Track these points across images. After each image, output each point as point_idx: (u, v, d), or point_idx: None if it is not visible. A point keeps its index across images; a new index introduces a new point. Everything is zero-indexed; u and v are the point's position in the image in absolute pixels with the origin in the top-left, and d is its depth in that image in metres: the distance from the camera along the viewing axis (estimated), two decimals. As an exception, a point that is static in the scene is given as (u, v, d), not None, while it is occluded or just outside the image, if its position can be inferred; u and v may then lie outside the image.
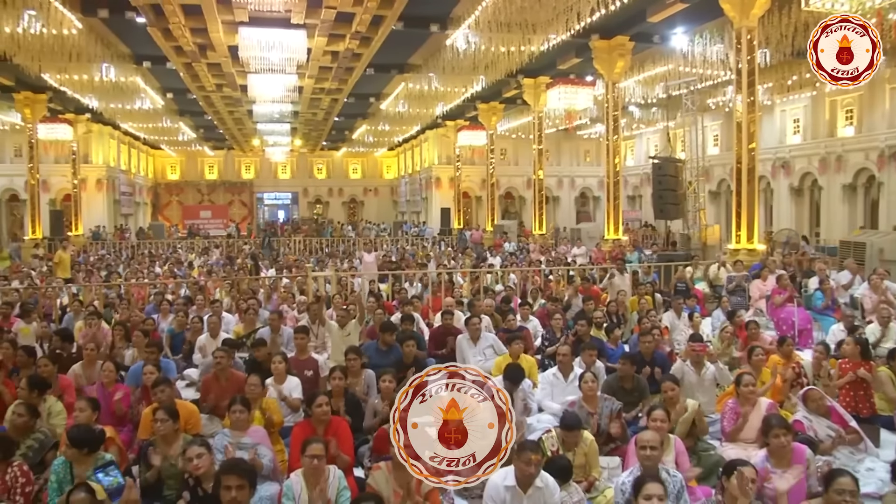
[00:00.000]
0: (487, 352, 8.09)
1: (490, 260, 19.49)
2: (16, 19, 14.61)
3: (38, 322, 9.84)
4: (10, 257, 22.59)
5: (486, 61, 18.68)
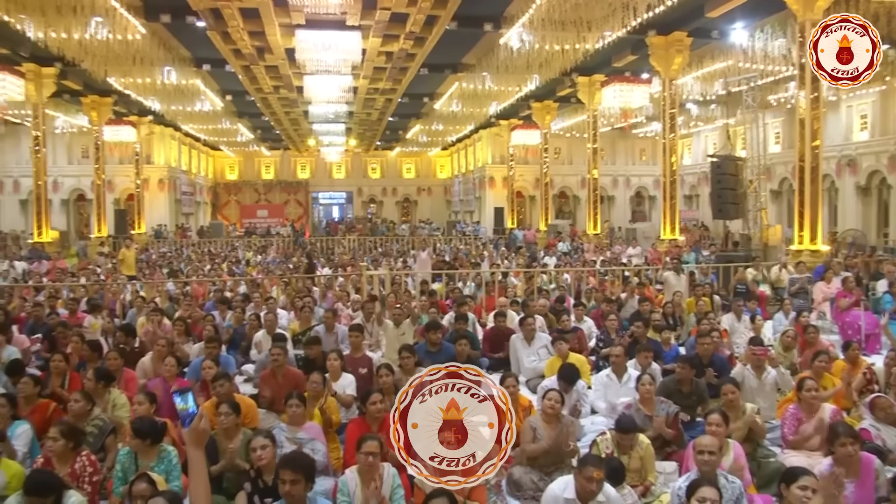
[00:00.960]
0: (541, 352, 8.04)
1: (544, 260, 19.35)
2: (84, 26, 15.15)
3: (104, 317, 10.17)
4: (77, 255, 23.41)
5: (540, 60, 18.56)
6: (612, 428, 5.33)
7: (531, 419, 5.48)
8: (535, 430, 5.37)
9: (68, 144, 34.12)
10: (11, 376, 6.60)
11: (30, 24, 15.03)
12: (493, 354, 8.77)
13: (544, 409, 5.46)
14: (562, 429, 5.38)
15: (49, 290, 12.61)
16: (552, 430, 5.37)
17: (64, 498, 4.02)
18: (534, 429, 5.38)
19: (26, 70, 20.74)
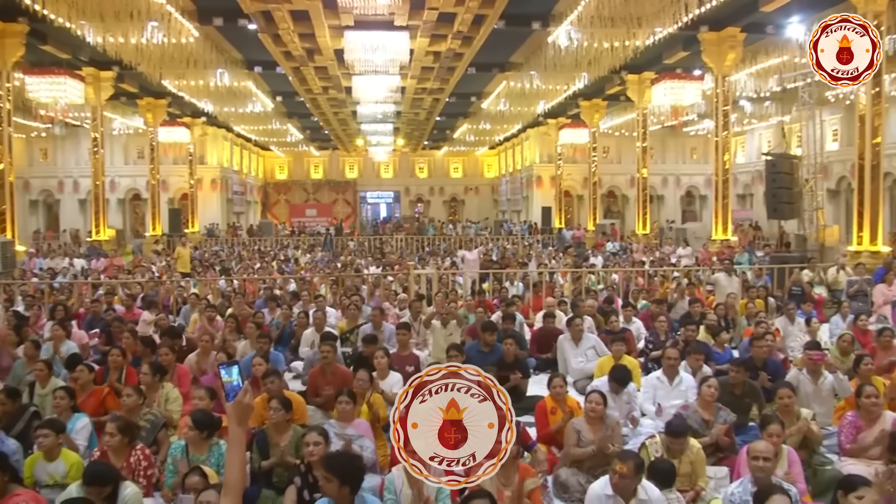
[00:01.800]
0: (589, 353, 7.96)
1: (592, 260, 19.17)
2: (140, 31, 15.57)
3: (157, 313, 10.42)
4: (133, 252, 24.07)
5: (589, 57, 18.38)
6: (661, 431, 5.24)
7: (575, 421, 5.43)
8: (580, 432, 5.32)
9: (125, 145, 35.10)
10: (71, 370, 6.83)
11: (89, 29, 15.50)
12: (540, 355, 8.73)
13: (586, 412, 5.41)
14: (606, 430, 5.32)
15: (106, 286, 12.99)
16: (596, 432, 5.31)
17: (120, 489, 4.13)
18: (577, 431, 5.33)
19: (86, 74, 21.40)
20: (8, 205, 18.33)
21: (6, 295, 12.36)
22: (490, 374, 6.04)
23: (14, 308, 10.87)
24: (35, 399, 6.32)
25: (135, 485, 4.37)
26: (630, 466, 4.14)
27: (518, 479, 4.52)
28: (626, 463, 4.15)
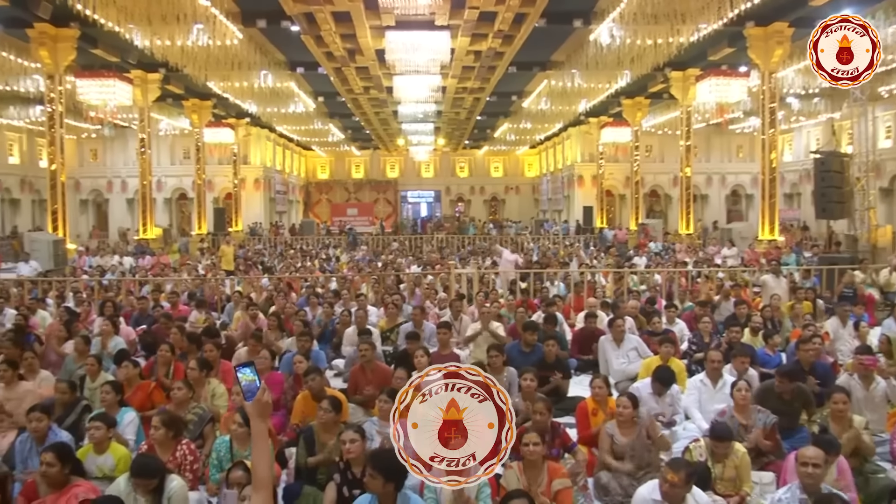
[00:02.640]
0: (631, 354, 7.87)
1: (634, 260, 18.93)
2: (186, 33, 15.87)
3: (207, 313, 10.62)
4: (179, 251, 24.55)
5: (632, 55, 18.17)
6: (706, 435, 5.15)
7: (607, 426, 5.35)
8: (612, 436, 5.26)
9: (171, 146, 35.83)
10: (118, 365, 7.00)
11: (137, 32, 15.86)
12: (581, 356, 8.66)
13: (616, 415, 5.33)
14: (640, 432, 5.24)
15: (153, 284, 13.28)
16: (628, 435, 5.24)
17: (166, 481, 4.21)
18: (611, 435, 5.26)
19: (134, 76, 21.91)
20: (60, 204, 18.87)
21: (57, 292, 12.73)
22: (530, 373, 6.07)
23: (65, 304, 11.19)
24: (85, 392, 6.50)
25: (180, 478, 4.46)
26: (682, 476, 4.07)
27: (547, 480, 4.49)
28: (678, 473, 4.07)
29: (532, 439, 4.48)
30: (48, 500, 4.19)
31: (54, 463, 4.15)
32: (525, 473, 4.49)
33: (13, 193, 32.37)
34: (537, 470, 4.51)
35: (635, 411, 5.29)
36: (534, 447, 4.47)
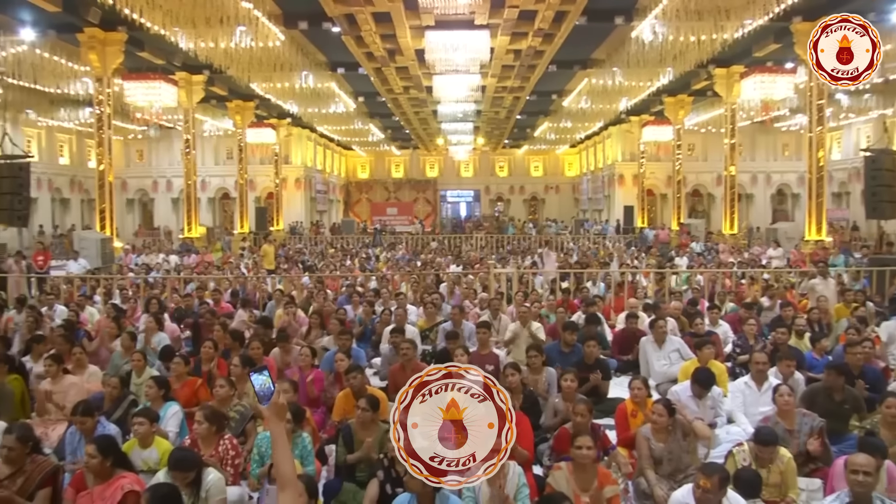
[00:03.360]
0: (673, 356, 7.75)
1: (676, 260, 18.66)
2: (229, 36, 16.13)
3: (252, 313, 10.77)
4: (222, 249, 24.96)
5: (674, 52, 17.88)
6: (750, 439, 5.04)
7: (643, 430, 5.26)
8: (649, 440, 5.17)
9: (215, 146, 36.47)
10: (164, 360, 7.15)
11: (182, 35, 16.16)
12: (622, 357, 8.57)
13: (650, 421, 5.24)
14: (676, 436, 5.15)
15: (197, 281, 13.52)
16: (664, 441, 5.15)
17: (203, 474, 4.29)
18: (647, 439, 5.18)
19: (179, 78, 22.32)
20: (107, 203, 19.31)
21: (105, 289, 13.05)
22: (570, 374, 6.02)
23: (112, 301, 11.47)
24: (131, 387, 6.65)
25: (218, 472, 4.52)
26: (714, 482, 3.99)
27: (597, 485, 4.44)
28: (711, 478, 3.99)
29: (585, 442, 4.43)
30: (95, 491, 4.31)
31: (95, 455, 4.28)
32: (574, 476, 4.44)
33: (63, 193, 33.33)
34: (587, 474, 4.46)
35: (670, 419, 5.18)
36: (587, 450, 4.42)
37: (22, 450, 4.47)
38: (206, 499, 4.23)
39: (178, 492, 3.95)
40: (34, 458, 4.54)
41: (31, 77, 19.50)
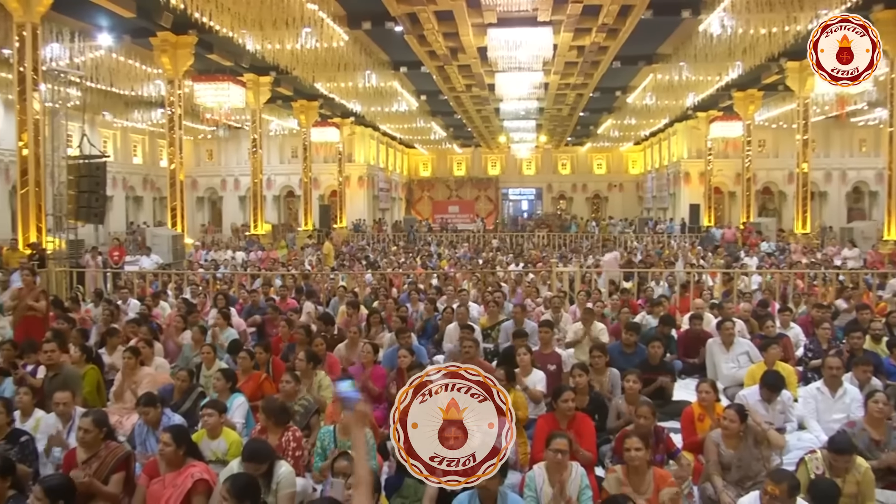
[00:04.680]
0: (741, 359, 7.52)
1: (744, 260, 18.14)
2: (295, 37, 16.45)
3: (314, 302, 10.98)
4: (286, 246, 25.48)
5: (744, 45, 17.38)
6: (824, 447, 4.84)
7: (713, 435, 5.10)
8: (719, 445, 5.02)
9: (280, 146, 37.23)
10: (232, 354, 7.33)
11: (250, 37, 16.56)
12: (687, 359, 8.38)
13: (721, 427, 5.08)
14: (748, 443, 4.97)
15: (263, 277, 13.83)
16: (735, 447, 4.98)
17: (275, 467, 4.38)
18: (716, 444, 5.03)
19: (246, 79, 22.90)
20: (178, 201, 19.96)
21: (176, 284, 13.48)
22: (634, 375, 5.92)
23: (182, 296, 11.83)
24: (201, 380, 6.84)
25: (289, 465, 4.62)
26: (784, 489, 3.84)
27: (654, 488, 4.35)
28: (780, 485, 3.85)
29: (633, 444, 4.36)
30: (167, 478, 4.46)
31: (170, 443, 4.42)
32: (628, 479, 4.37)
33: (137, 191, 34.60)
34: (641, 476, 4.39)
35: (742, 425, 5.01)
36: (635, 452, 4.35)
37: (97, 433, 4.67)
38: (276, 491, 4.32)
39: (256, 482, 4.05)
40: (108, 444, 4.73)
41: (107, 80, 20.32)
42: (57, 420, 5.43)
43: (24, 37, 14.20)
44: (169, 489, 4.39)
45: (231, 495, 3.77)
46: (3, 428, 5.00)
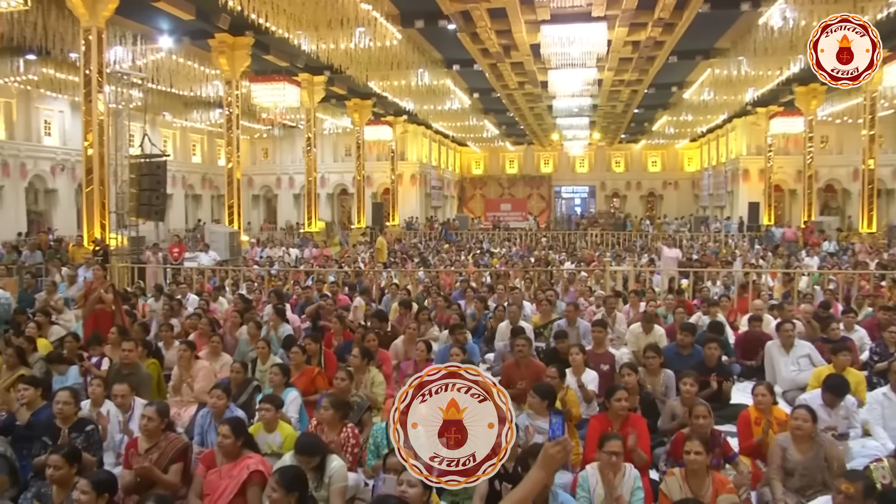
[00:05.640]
0: (802, 361, 7.29)
1: (806, 260, 17.61)
2: (349, 37, 16.64)
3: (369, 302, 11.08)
4: (339, 243, 25.79)
5: (806, 38, 16.77)
6: (890, 455, 4.65)
7: (780, 438, 4.95)
8: (786, 450, 4.87)
9: (334, 144, 37.71)
10: (286, 349, 7.45)
11: (305, 38, 16.82)
12: (745, 361, 8.18)
13: (792, 429, 4.91)
14: (818, 451, 4.79)
15: (316, 274, 14.02)
16: (804, 452, 4.82)
17: (327, 461, 4.44)
18: (783, 448, 4.87)
19: (301, 79, 23.24)
20: (235, 199, 20.39)
21: (233, 280, 13.77)
22: (690, 377, 5.80)
23: (239, 292, 12.08)
24: (256, 374, 6.98)
25: (341, 458, 4.67)
26: (858, 488, 3.71)
27: (712, 492, 4.26)
28: (855, 483, 3.71)
29: (694, 447, 4.28)
30: (223, 469, 4.58)
31: (229, 435, 4.55)
32: (688, 482, 4.29)
33: (195, 189, 35.51)
34: (700, 480, 4.30)
35: (814, 426, 4.86)
36: (695, 455, 4.26)
37: (159, 423, 4.84)
38: (328, 484, 4.38)
39: (304, 474, 4.12)
40: (167, 434, 4.89)
41: (167, 81, 20.92)
42: (117, 411, 5.62)
43: (89, 41, 14.72)
44: (225, 480, 4.51)
45: (280, 486, 3.85)
46: (71, 417, 5.18)
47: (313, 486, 4.35)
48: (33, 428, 5.30)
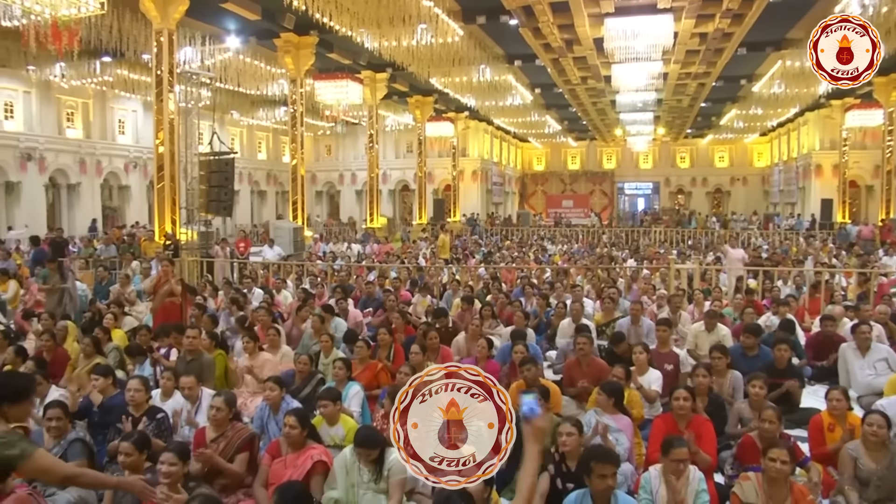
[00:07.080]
0: (879, 365, 6.99)
1: (884, 260, 16.88)
2: (411, 34, 16.74)
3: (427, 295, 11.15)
4: (401, 239, 25.98)
5: (888, 25, 16.08)
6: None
7: (850, 446, 4.74)
8: (857, 459, 4.66)
9: (395, 141, 38.04)
10: (348, 343, 7.55)
11: (367, 35, 17.00)
12: (816, 362, 7.89)
13: (865, 435, 4.69)
14: (892, 459, 4.56)
15: (378, 269, 14.17)
16: (878, 460, 4.61)
17: (386, 453, 4.49)
18: (854, 458, 4.66)
19: (364, 76, 23.51)
20: (299, 195, 20.77)
21: (296, 274, 14.03)
22: (760, 380, 5.62)
23: (302, 286, 12.30)
24: (319, 367, 7.10)
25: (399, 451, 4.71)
26: None
27: (791, 501, 4.10)
28: None
29: (781, 456, 4.08)
30: (288, 459, 4.71)
31: (295, 426, 4.71)
32: (765, 490, 4.15)
33: (261, 185, 36.35)
34: (780, 488, 4.12)
35: (889, 433, 4.65)
36: (781, 465, 4.07)
37: (227, 412, 4.98)
38: (387, 476, 4.43)
39: (308, 494, 4.13)
40: (234, 424, 5.03)
41: (234, 81, 21.44)
42: (185, 402, 5.80)
43: (161, 42, 15.22)
44: (290, 469, 4.62)
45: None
46: (142, 405, 5.39)
47: (373, 479, 4.41)
48: (107, 413, 5.53)
